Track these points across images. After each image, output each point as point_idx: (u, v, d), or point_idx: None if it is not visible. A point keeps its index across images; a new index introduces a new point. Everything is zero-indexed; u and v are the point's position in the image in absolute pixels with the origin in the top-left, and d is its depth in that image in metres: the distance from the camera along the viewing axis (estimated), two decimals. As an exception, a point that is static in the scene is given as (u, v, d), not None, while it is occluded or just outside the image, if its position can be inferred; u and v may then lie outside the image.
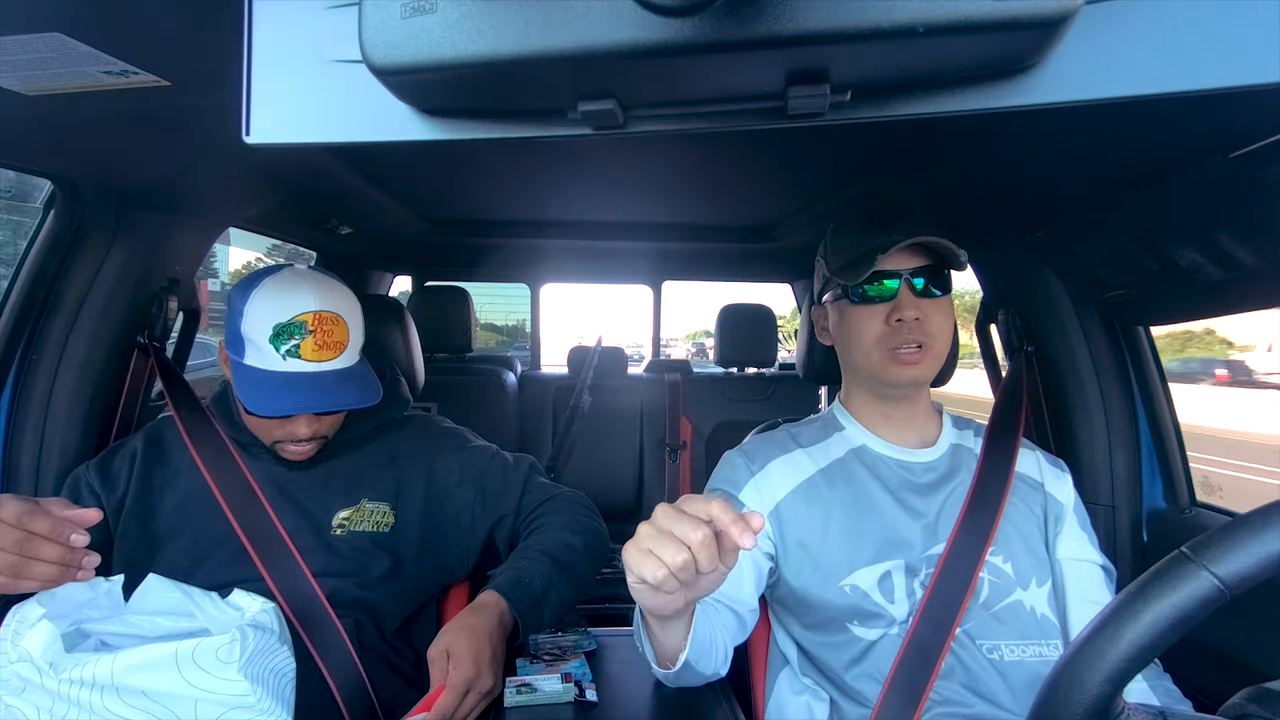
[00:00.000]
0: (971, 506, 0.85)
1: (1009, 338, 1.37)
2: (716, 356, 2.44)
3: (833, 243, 0.92)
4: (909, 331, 0.83)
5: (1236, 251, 0.90)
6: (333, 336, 0.90)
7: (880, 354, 0.86)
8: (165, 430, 1.02)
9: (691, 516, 0.53)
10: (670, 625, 0.70)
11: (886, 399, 0.91)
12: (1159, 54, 0.40)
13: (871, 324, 0.86)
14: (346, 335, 0.92)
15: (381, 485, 0.99)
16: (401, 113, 0.45)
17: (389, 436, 1.04)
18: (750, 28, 0.35)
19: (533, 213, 1.82)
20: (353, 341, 0.93)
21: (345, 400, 0.89)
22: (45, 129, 0.84)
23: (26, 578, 0.66)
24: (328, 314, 0.90)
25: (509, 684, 0.85)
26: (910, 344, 0.84)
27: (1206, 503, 1.22)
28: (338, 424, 0.98)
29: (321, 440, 0.96)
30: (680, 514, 0.54)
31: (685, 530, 0.53)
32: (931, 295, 0.84)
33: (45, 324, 1.08)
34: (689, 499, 0.55)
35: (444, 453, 1.04)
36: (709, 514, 0.53)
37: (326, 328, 0.89)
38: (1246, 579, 0.40)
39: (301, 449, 0.94)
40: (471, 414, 2.21)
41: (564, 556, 0.93)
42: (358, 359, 0.95)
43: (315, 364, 0.88)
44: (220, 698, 0.69)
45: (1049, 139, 0.88)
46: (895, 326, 0.84)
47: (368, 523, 0.96)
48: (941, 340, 0.85)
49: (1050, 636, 0.82)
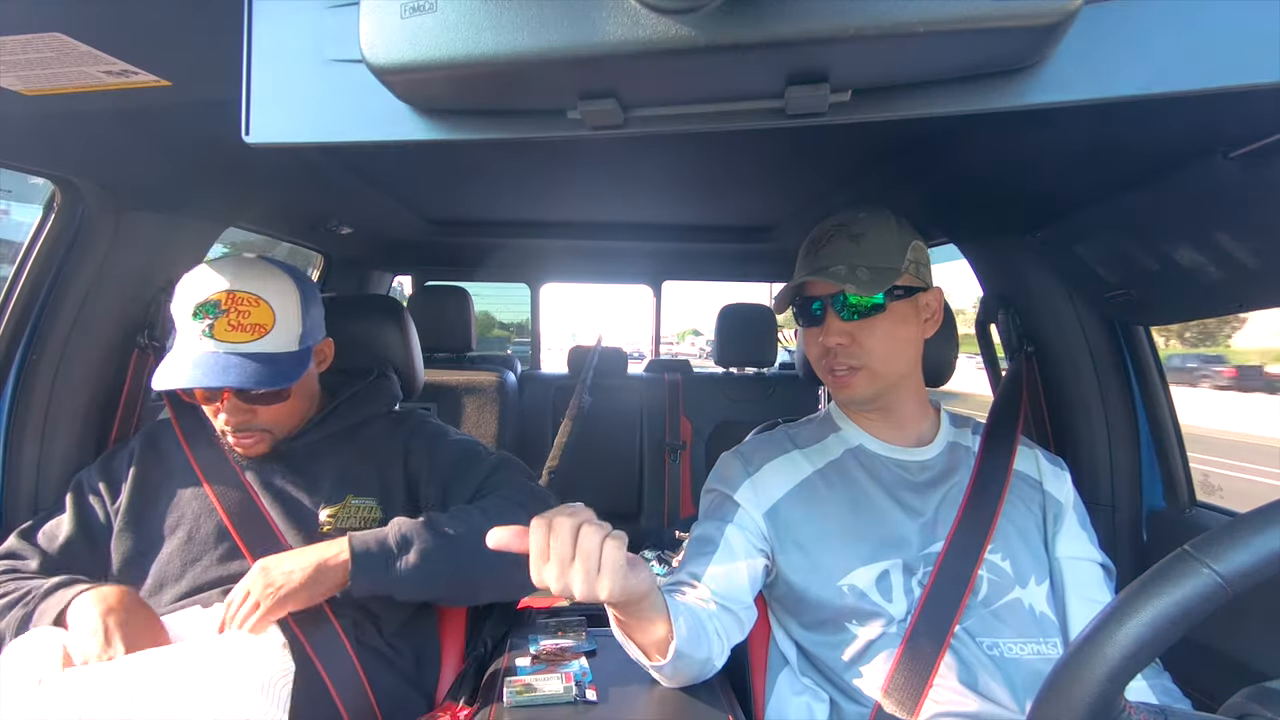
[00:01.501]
0: (970, 504, 0.85)
1: (1009, 337, 1.37)
2: (716, 356, 2.44)
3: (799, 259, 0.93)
4: (836, 355, 0.85)
5: (1236, 251, 0.90)
6: (249, 318, 0.87)
7: (823, 372, 0.90)
8: (162, 433, 1.03)
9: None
10: (639, 617, 0.72)
11: (858, 409, 0.92)
12: (1159, 54, 0.40)
13: (812, 346, 0.89)
14: (269, 319, 0.88)
15: (367, 481, 0.99)
16: (401, 113, 0.45)
17: (374, 432, 1.04)
18: (750, 28, 0.35)
19: (533, 213, 1.82)
20: (280, 326, 0.89)
21: (227, 380, 0.85)
22: (45, 129, 0.84)
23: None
24: (243, 294, 0.87)
25: (509, 684, 0.85)
26: (841, 366, 0.86)
27: (1207, 502, 1.22)
28: (283, 417, 0.95)
29: (265, 434, 0.94)
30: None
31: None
32: (858, 317, 0.84)
33: (46, 324, 1.08)
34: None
35: (418, 449, 1.03)
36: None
37: (242, 308, 0.87)
38: (1249, 577, 0.40)
39: (244, 441, 0.93)
40: (472, 414, 2.23)
41: (452, 525, 0.89)
42: (295, 346, 0.92)
43: (228, 344, 0.86)
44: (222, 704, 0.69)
45: (1048, 139, 0.88)
46: (826, 348, 0.86)
47: (354, 519, 0.96)
48: (878, 357, 0.85)
49: (1049, 634, 0.82)
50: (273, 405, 0.93)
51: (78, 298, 1.09)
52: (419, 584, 0.87)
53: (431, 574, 0.87)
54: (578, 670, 0.89)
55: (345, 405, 1.04)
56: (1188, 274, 0.99)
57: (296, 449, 0.99)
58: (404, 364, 1.20)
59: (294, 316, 0.92)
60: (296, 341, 0.92)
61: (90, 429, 1.15)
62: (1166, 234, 0.97)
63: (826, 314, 0.86)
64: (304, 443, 1.00)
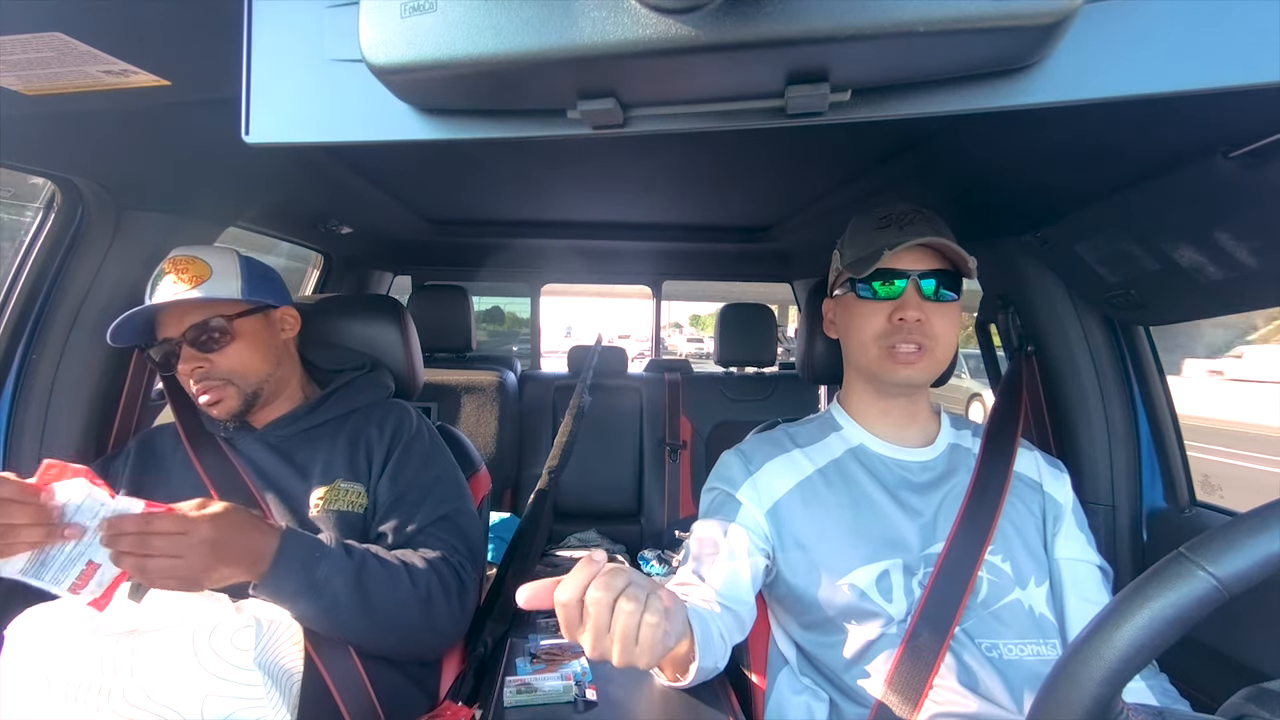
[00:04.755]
0: (970, 505, 0.85)
1: (1009, 337, 1.37)
2: (716, 356, 2.43)
3: (850, 237, 0.92)
4: (909, 331, 0.83)
5: (1237, 251, 0.90)
6: (188, 272, 0.95)
7: (879, 350, 0.86)
8: (158, 436, 1.05)
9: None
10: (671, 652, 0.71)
11: (885, 396, 0.91)
12: (1159, 54, 0.40)
13: (874, 319, 0.86)
14: (205, 270, 0.96)
15: (357, 467, 1.00)
16: (401, 112, 0.45)
17: (366, 420, 1.05)
18: (750, 27, 0.35)
19: (533, 212, 1.82)
20: (216, 274, 0.96)
21: (165, 298, 0.93)
22: (45, 129, 0.84)
23: (11, 541, 0.69)
24: (184, 258, 0.97)
25: (509, 684, 0.85)
26: (909, 343, 0.84)
27: (1206, 502, 1.22)
28: (239, 365, 0.98)
29: (227, 385, 0.97)
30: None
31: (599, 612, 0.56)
32: (938, 299, 0.84)
33: (45, 324, 1.08)
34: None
35: (394, 452, 1.03)
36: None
37: (181, 264, 0.96)
38: (1244, 579, 0.40)
39: (211, 398, 0.97)
40: (472, 413, 2.23)
41: (371, 584, 0.85)
42: (236, 295, 0.97)
43: (171, 292, 0.94)
44: (230, 686, 0.69)
45: (1049, 139, 0.88)
46: (896, 325, 0.84)
47: (341, 502, 0.97)
48: (943, 344, 0.85)
49: (1049, 636, 0.82)
50: (226, 349, 0.97)
51: (78, 298, 1.09)
52: (330, 603, 0.82)
53: (335, 612, 0.83)
54: (578, 670, 0.89)
55: (339, 394, 1.07)
56: (1188, 274, 0.99)
57: (289, 437, 1.02)
58: (403, 364, 1.20)
59: (231, 272, 0.98)
60: (238, 292, 0.97)
61: (90, 429, 1.15)
62: (1166, 234, 0.97)
63: (909, 289, 0.84)
64: (296, 430, 1.02)
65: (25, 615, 0.75)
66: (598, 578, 0.57)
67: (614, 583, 0.56)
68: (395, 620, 0.87)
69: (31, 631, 0.74)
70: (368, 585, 0.85)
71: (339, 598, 0.82)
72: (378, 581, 0.86)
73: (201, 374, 0.96)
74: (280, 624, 0.78)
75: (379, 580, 0.86)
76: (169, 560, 0.71)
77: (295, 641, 0.79)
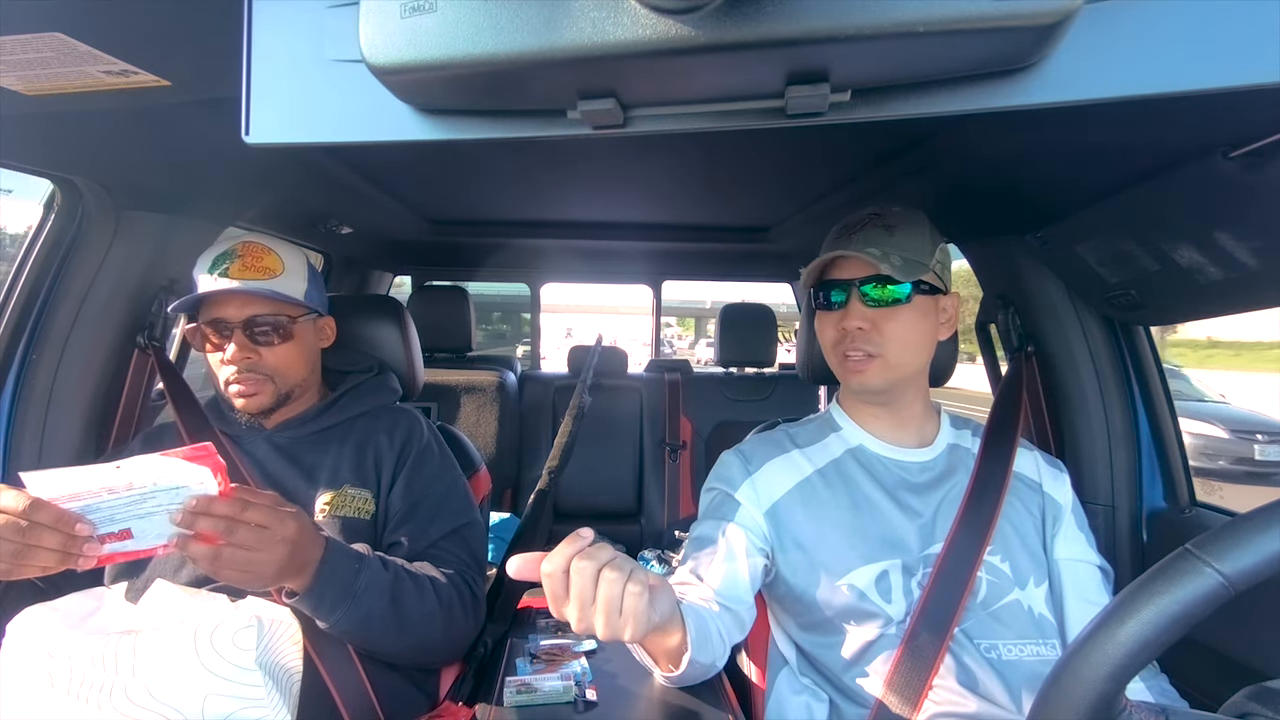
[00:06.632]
0: (969, 506, 0.85)
1: (1009, 337, 1.37)
2: (716, 356, 2.43)
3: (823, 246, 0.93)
4: (853, 340, 0.85)
5: (1237, 251, 0.90)
6: (261, 261, 0.95)
7: (836, 358, 0.89)
8: (163, 435, 1.04)
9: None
10: (660, 635, 0.71)
11: (866, 401, 0.92)
12: (1159, 54, 0.40)
13: (828, 329, 0.89)
14: (279, 265, 0.96)
15: (364, 473, 0.99)
16: (401, 112, 0.45)
17: (374, 426, 1.05)
18: (750, 28, 0.35)
19: (533, 212, 1.82)
20: (288, 273, 0.97)
21: (237, 290, 0.92)
22: (45, 129, 0.84)
23: (27, 563, 0.67)
24: (257, 244, 0.96)
25: (509, 684, 0.85)
26: (857, 351, 0.85)
27: (1206, 503, 1.22)
28: (285, 365, 0.97)
29: (267, 382, 0.96)
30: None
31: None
32: (885, 304, 0.84)
33: (46, 324, 1.08)
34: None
35: (405, 462, 1.02)
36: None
37: (255, 252, 0.95)
38: (1251, 576, 0.40)
39: (247, 389, 0.95)
40: (471, 413, 2.23)
41: (404, 597, 0.85)
42: (300, 298, 0.97)
43: (240, 281, 0.92)
44: (231, 685, 0.69)
45: (1049, 139, 0.88)
46: (844, 333, 0.86)
47: (348, 507, 0.96)
48: (896, 348, 0.85)
49: (1048, 636, 0.82)
50: (277, 347, 0.96)
51: (78, 298, 1.09)
52: (365, 614, 0.81)
53: (365, 622, 0.82)
54: (578, 670, 0.89)
55: (347, 398, 1.06)
56: (1187, 274, 0.99)
57: (298, 440, 1.01)
58: (404, 364, 1.20)
59: (300, 274, 0.99)
60: (302, 295, 0.98)
61: (90, 429, 1.15)
62: (1166, 234, 0.97)
63: (850, 298, 0.85)
64: (305, 433, 1.01)
65: (26, 612, 0.75)
66: (583, 550, 0.60)
67: (599, 555, 0.60)
68: (422, 633, 0.87)
69: (32, 629, 0.74)
70: (400, 598, 0.85)
71: (374, 609, 0.82)
72: (409, 594, 0.86)
73: (248, 365, 0.95)
74: (280, 624, 0.78)
75: (410, 593, 0.86)
76: (245, 553, 0.68)
77: (295, 641, 0.79)
